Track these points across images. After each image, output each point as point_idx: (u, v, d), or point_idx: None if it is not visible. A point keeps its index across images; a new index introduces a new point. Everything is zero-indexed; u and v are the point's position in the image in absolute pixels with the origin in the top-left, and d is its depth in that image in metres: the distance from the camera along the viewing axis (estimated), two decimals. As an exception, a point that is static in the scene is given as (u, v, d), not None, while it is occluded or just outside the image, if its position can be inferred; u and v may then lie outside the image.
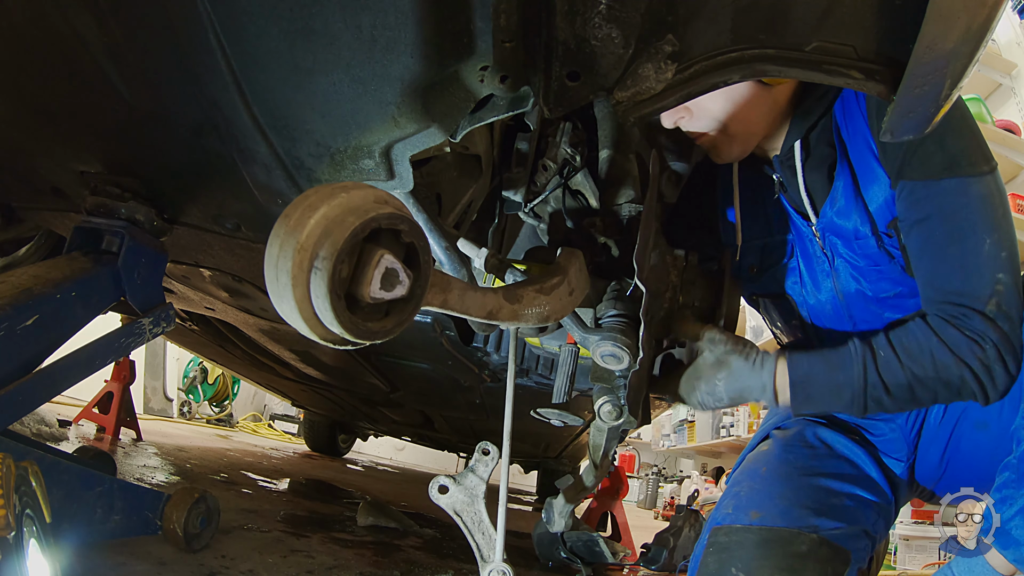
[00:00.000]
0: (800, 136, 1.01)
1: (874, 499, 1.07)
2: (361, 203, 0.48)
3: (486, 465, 0.92)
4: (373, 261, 0.48)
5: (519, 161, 1.05)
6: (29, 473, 0.76)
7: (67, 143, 1.03)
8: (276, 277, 0.46)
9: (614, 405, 0.89)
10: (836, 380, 0.93)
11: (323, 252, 0.45)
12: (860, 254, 1.03)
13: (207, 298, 1.64)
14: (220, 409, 6.10)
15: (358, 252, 0.48)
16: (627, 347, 0.80)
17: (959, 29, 0.74)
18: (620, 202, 0.88)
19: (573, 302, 0.77)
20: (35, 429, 2.16)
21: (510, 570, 0.88)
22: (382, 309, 0.51)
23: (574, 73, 0.81)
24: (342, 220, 0.46)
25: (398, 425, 3.37)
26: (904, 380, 0.91)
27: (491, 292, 0.65)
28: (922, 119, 0.86)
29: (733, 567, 0.97)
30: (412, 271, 0.52)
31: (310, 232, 0.45)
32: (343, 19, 0.70)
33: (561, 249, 0.82)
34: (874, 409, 0.93)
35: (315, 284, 0.45)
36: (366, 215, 0.47)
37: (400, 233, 0.51)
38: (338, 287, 0.46)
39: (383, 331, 0.51)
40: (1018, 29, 3.78)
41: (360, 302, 0.49)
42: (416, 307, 0.54)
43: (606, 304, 0.86)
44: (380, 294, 0.49)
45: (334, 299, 0.46)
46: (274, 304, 0.48)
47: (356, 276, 0.48)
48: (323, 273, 0.45)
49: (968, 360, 0.89)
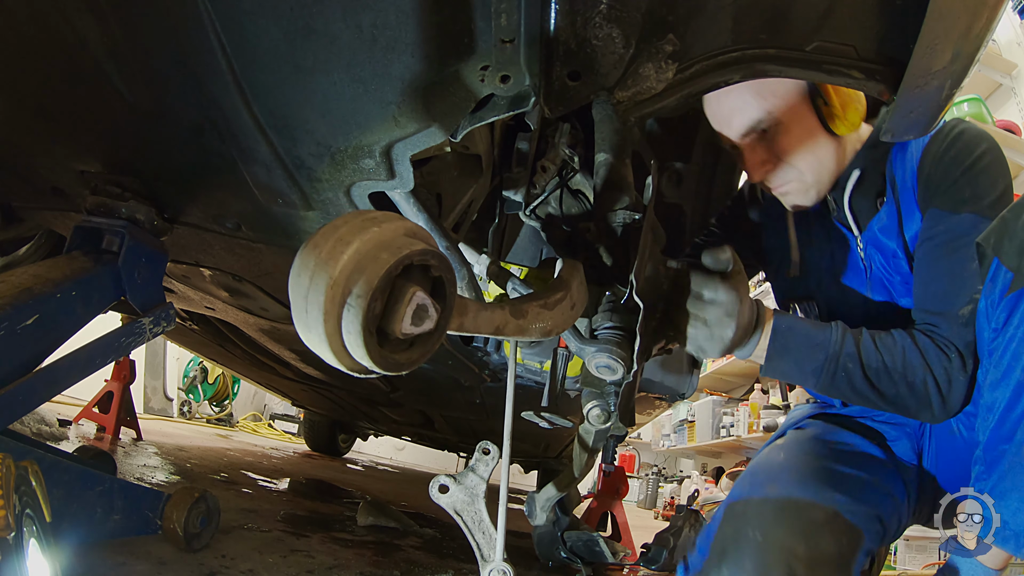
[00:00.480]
0: (860, 167, 1.10)
1: (890, 490, 1.08)
2: (393, 238, 0.48)
3: (486, 464, 0.92)
4: (405, 299, 0.49)
5: (519, 161, 1.05)
6: (29, 473, 0.76)
7: (67, 142, 1.03)
8: (305, 309, 0.46)
9: (603, 409, 0.89)
10: (815, 339, 0.95)
11: (357, 290, 0.45)
12: (894, 270, 1.11)
13: (207, 298, 1.64)
14: (220, 409, 6.10)
15: (389, 288, 0.48)
16: (622, 360, 0.81)
17: (960, 29, 0.74)
18: (615, 208, 0.88)
19: (574, 316, 0.78)
20: (35, 428, 2.16)
21: (510, 569, 0.88)
22: (408, 341, 0.52)
23: (575, 73, 0.81)
24: (376, 256, 0.46)
25: (398, 425, 3.37)
26: (875, 364, 0.94)
27: (498, 308, 0.66)
28: (923, 119, 0.86)
29: (749, 529, 0.97)
30: (438, 304, 0.52)
31: (343, 267, 0.45)
32: (343, 18, 0.70)
33: (563, 261, 0.82)
34: (839, 383, 0.95)
35: (348, 320, 0.45)
36: (399, 252, 0.47)
37: (430, 268, 0.51)
38: (371, 324, 0.46)
39: (409, 363, 0.52)
40: (1018, 29, 3.78)
41: (389, 337, 0.50)
42: (441, 337, 0.54)
43: (602, 315, 0.86)
44: (411, 329, 0.50)
45: (367, 336, 0.46)
46: (301, 334, 0.48)
47: (387, 312, 0.49)
48: (357, 311, 0.45)
49: (934, 367, 0.94)
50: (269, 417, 6.82)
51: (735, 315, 0.85)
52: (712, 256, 0.87)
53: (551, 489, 1.06)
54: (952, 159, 1.01)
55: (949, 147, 1.02)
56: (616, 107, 0.88)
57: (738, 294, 0.86)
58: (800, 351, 0.95)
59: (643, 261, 0.77)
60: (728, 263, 0.86)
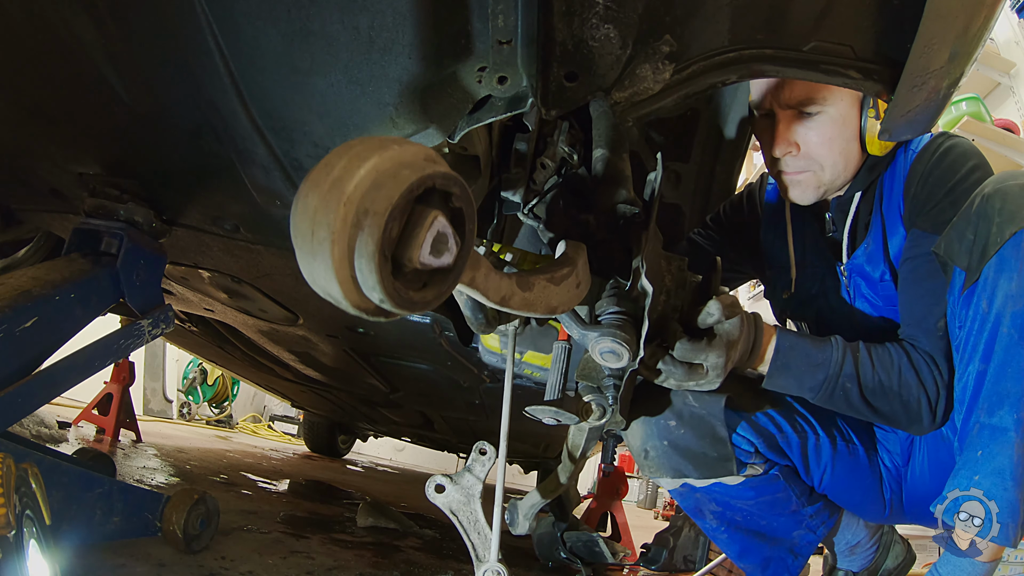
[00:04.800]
0: (863, 188, 1.12)
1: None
2: (414, 158, 0.43)
3: (483, 465, 0.92)
4: (426, 223, 0.43)
5: (518, 161, 1.05)
6: (29, 475, 0.76)
7: (66, 145, 1.03)
8: (311, 231, 0.40)
9: (599, 404, 0.88)
10: (816, 359, 0.97)
11: (375, 207, 0.40)
12: (881, 295, 1.13)
13: (206, 299, 1.64)
14: (220, 410, 6.10)
15: (408, 212, 0.43)
16: (628, 344, 0.79)
17: (957, 29, 0.74)
18: (614, 202, 0.87)
19: (579, 295, 0.76)
20: (35, 431, 2.16)
21: (505, 570, 0.88)
22: (421, 279, 0.47)
23: (572, 74, 0.81)
24: (396, 173, 0.41)
25: (398, 426, 3.37)
26: (872, 384, 0.96)
27: (506, 277, 0.62)
28: (921, 119, 0.86)
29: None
30: (459, 237, 0.47)
31: (359, 182, 0.39)
32: (341, 20, 0.70)
33: (566, 242, 0.80)
34: (837, 400, 0.98)
35: (361, 242, 0.40)
36: (422, 171, 0.42)
37: (452, 196, 0.46)
38: (387, 247, 0.41)
39: (423, 302, 0.46)
40: (1016, 28, 3.78)
41: (404, 268, 0.44)
42: (456, 279, 0.49)
43: (606, 301, 0.85)
44: (429, 259, 0.45)
45: (381, 260, 0.41)
46: (302, 264, 0.42)
47: (404, 238, 0.43)
48: (372, 231, 0.40)
49: (927, 384, 0.96)
50: (269, 418, 6.82)
51: (722, 373, 0.89)
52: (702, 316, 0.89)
53: (535, 495, 1.04)
54: (937, 179, 1.02)
55: (935, 165, 1.03)
56: (613, 107, 0.88)
57: (722, 353, 0.88)
58: (800, 369, 0.97)
59: (651, 247, 0.77)
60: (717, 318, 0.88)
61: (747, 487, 1.11)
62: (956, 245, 0.92)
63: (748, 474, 1.10)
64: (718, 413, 1.04)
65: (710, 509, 1.18)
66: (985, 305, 0.88)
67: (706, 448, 1.04)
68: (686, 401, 1.05)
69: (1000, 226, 0.86)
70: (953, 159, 1.03)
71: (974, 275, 0.89)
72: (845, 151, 1.07)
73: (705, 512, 1.19)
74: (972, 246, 0.89)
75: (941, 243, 0.94)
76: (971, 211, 0.91)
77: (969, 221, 0.90)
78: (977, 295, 0.89)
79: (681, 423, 1.04)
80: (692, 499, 1.17)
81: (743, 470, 1.08)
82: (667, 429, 1.05)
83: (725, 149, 1.53)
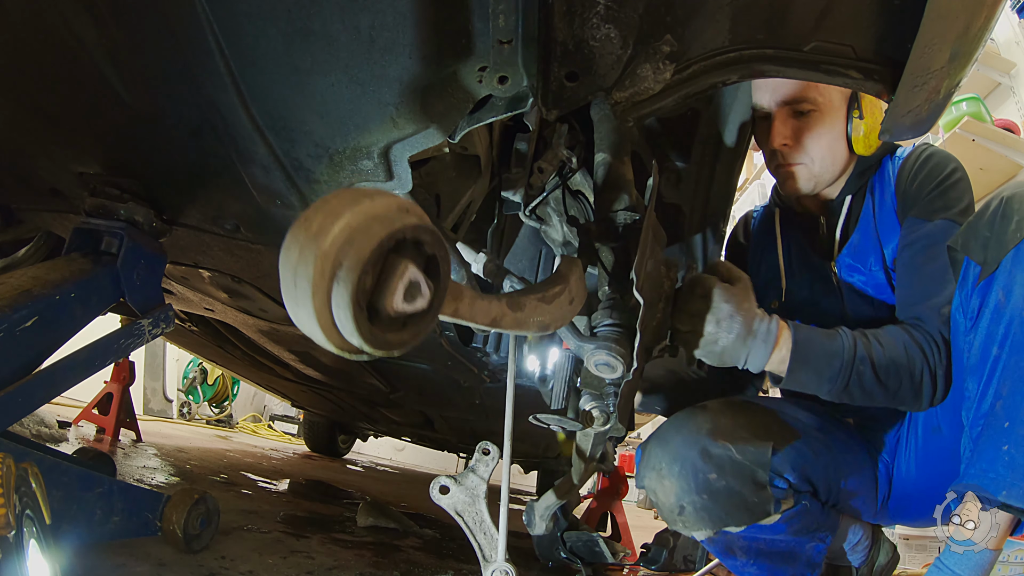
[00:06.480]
0: (854, 191, 1.25)
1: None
2: (385, 211, 0.46)
3: (486, 465, 0.92)
4: (397, 273, 0.47)
5: (518, 161, 1.05)
6: (29, 474, 0.76)
7: (66, 144, 1.03)
8: (294, 283, 0.44)
9: (601, 411, 0.89)
10: (830, 348, 0.99)
11: (347, 261, 0.43)
12: (871, 284, 1.22)
13: (206, 299, 1.64)
14: (220, 410, 6.10)
15: (381, 263, 0.47)
16: (622, 357, 0.80)
17: (958, 29, 0.74)
18: (616, 209, 0.88)
19: (573, 311, 0.77)
20: (35, 430, 2.16)
21: (513, 570, 0.88)
22: (400, 320, 0.50)
23: (572, 74, 0.81)
24: (367, 228, 0.44)
25: (398, 426, 3.37)
26: (883, 361, 0.99)
27: (495, 300, 0.65)
28: (921, 119, 0.86)
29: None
30: (432, 282, 0.51)
31: (334, 239, 0.43)
32: (341, 20, 0.70)
33: (561, 257, 0.82)
34: (852, 386, 0.99)
35: (337, 294, 0.44)
36: (392, 225, 0.45)
37: (423, 244, 0.50)
38: (361, 298, 0.45)
39: (401, 343, 0.50)
40: (1017, 28, 3.78)
41: (380, 314, 0.48)
42: (434, 319, 0.52)
43: (601, 313, 0.85)
44: (403, 307, 0.48)
45: (356, 310, 0.44)
46: (289, 311, 0.46)
47: (378, 287, 0.47)
48: (346, 283, 0.44)
49: (930, 359, 1.01)
50: (269, 418, 6.81)
51: (727, 326, 0.89)
52: (713, 266, 0.93)
53: (550, 496, 1.05)
54: (926, 175, 1.16)
55: (922, 166, 1.18)
56: (614, 108, 0.88)
57: (735, 304, 0.89)
58: (820, 361, 0.98)
59: (643, 258, 0.77)
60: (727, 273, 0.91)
61: (782, 523, 1.10)
62: (972, 241, 0.96)
63: (782, 509, 1.09)
64: (764, 462, 1.03)
65: (739, 546, 1.18)
66: (1002, 295, 0.91)
67: (747, 495, 1.03)
68: (728, 451, 1.03)
69: (1020, 223, 0.90)
70: (937, 161, 1.17)
71: (991, 267, 0.93)
72: (833, 148, 1.20)
73: (735, 550, 1.19)
74: (989, 242, 0.93)
75: (958, 238, 0.99)
76: (988, 211, 0.95)
77: (987, 220, 0.94)
78: (995, 285, 0.92)
79: (722, 475, 1.02)
80: (723, 543, 1.18)
81: (778, 507, 1.07)
82: (707, 483, 1.02)
83: (725, 149, 1.53)
